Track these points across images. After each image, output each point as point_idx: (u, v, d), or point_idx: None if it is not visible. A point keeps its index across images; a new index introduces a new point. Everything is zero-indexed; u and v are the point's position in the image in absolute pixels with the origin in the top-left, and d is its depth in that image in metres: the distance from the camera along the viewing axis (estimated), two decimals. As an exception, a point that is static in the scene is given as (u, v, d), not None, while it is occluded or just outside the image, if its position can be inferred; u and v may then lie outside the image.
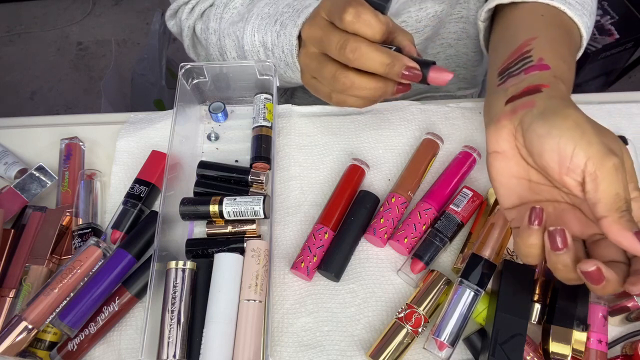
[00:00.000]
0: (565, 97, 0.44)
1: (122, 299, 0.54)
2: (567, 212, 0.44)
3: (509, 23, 0.55)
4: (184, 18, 0.66)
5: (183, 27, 0.67)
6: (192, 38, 0.68)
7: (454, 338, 0.48)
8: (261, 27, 0.57)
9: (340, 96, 0.47)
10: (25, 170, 0.63)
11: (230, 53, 0.62)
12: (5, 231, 0.58)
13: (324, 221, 0.56)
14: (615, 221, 0.37)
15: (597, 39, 1.32)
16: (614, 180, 0.38)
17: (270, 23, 0.56)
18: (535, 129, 0.41)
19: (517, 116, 0.43)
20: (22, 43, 1.93)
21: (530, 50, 0.48)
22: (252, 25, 0.58)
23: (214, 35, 0.63)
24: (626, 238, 0.37)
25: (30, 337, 0.52)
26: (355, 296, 0.55)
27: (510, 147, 0.44)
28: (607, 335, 0.49)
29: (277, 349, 0.53)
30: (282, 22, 0.55)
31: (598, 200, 0.38)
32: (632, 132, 0.62)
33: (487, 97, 0.50)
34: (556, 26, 0.51)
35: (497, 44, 0.55)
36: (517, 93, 0.45)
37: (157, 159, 0.62)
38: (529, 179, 0.45)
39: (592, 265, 0.37)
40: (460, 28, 0.72)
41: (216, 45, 0.63)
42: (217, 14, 0.63)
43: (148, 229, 0.57)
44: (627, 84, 1.60)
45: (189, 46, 0.69)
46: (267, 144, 0.61)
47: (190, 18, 0.65)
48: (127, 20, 1.95)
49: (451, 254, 0.57)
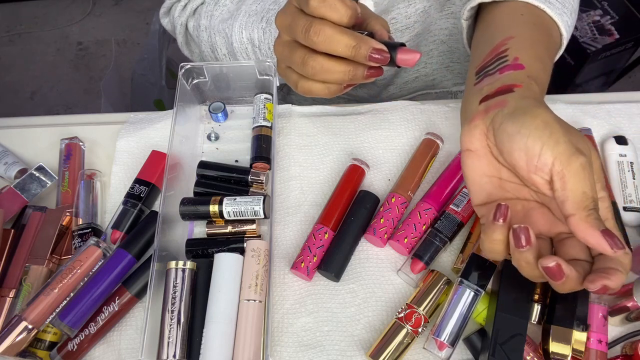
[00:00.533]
0: (537, 97, 0.45)
1: (122, 299, 0.54)
2: (535, 210, 0.45)
3: (489, 22, 0.55)
4: (176, 15, 0.67)
5: (176, 24, 0.67)
6: (185, 35, 0.69)
7: (454, 338, 0.48)
8: (248, 24, 0.58)
9: (306, 83, 0.46)
10: (25, 170, 0.63)
11: (221, 50, 0.63)
12: (5, 231, 0.58)
13: (324, 221, 0.56)
14: (583, 219, 0.38)
15: (597, 39, 1.32)
16: (581, 178, 0.38)
17: (257, 20, 0.57)
18: (505, 128, 0.42)
19: (489, 116, 0.44)
20: (22, 43, 1.93)
21: (506, 49, 0.48)
22: (240, 22, 0.59)
23: (205, 32, 0.64)
24: (593, 236, 0.38)
25: (30, 337, 0.52)
26: (355, 296, 0.55)
27: (482, 145, 0.45)
28: (607, 335, 0.49)
29: (277, 349, 0.53)
30: (268, 19, 0.56)
31: (566, 198, 0.39)
32: (632, 132, 0.62)
33: (464, 96, 0.51)
34: (535, 25, 0.51)
35: (478, 43, 0.55)
36: (490, 92, 0.46)
37: (157, 159, 0.62)
38: (499, 177, 0.46)
39: (552, 262, 0.38)
40: (452, 24, 0.72)
41: (207, 43, 0.64)
42: (208, 12, 0.63)
43: (148, 229, 0.57)
44: (627, 84, 1.60)
45: (182, 43, 0.69)
46: (267, 144, 0.61)
47: (183, 15, 0.66)
48: (127, 20, 1.95)
49: (451, 254, 0.57)
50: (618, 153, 0.59)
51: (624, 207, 0.56)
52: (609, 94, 0.67)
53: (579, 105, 0.64)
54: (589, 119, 0.63)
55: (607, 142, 0.60)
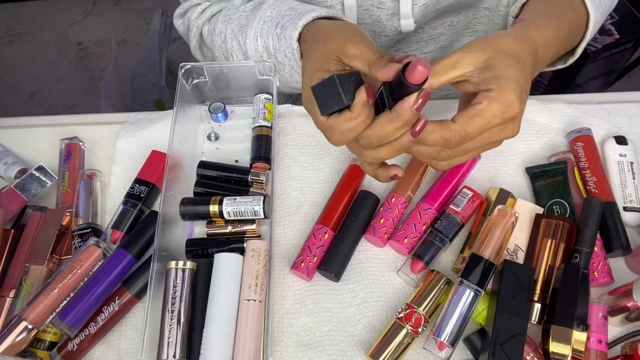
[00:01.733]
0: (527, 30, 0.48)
1: (122, 299, 0.54)
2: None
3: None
4: (193, 18, 0.66)
5: (192, 27, 0.66)
6: (199, 39, 0.68)
7: (454, 338, 0.48)
8: (263, 31, 0.57)
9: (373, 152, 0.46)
10: (25, 170, 0.63)
11: (237, 56, 0.62)
12: (5, 231, 0.58)
13: (324, 221, 0.56)
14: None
15: (597, 39, 1.31)
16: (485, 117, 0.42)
17: (272, 27, 0.56)
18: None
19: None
20: (22, 43, 1.92)
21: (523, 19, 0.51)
22: (255, 29, 0.58)
23: (219, 37, 0.63)
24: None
25: (30, 337, 0.52)
26: (355, 296, 0.55)
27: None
28: (607, 335, 0.49)
29: (277, 349, 0.53)
30: (283, 24, 0.55)
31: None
32: (632, 132, 0.62)
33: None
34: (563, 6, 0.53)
35: None
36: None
37: (157, 159, 0.62)
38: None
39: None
40: None
41: (221, 48, 0.63)
42: (227, 16, 0.62)
43: (148, 229, 0.57)
44: (627, 84, 1.60)
45: (196, 47, 0.69)
46: (267, 144, 0.61)
47: (201, 19, 0.65)
48: (127, 20, 1.94)
49: (451, 254, 0.57)
50: (618, 153, 0.59)
51: (624, 207, 0.56)
52: (609, 94, 0.67)
53: (579, 105, 0.64)
54: (589, 119, 0.63)
55: (607, 142, 0.60)
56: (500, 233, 0.51)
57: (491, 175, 0.60)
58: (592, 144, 0.59)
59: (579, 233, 0.53)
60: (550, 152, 0.61)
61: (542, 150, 0.62)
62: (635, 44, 1.37)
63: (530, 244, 0.54)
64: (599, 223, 0.53)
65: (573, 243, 0.53)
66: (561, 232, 0.52)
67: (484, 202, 0.57)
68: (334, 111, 0.42)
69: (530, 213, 0.55)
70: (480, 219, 0.56)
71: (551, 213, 0.56)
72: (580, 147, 0.59)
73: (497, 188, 0.57)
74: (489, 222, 0.53)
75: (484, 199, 0.57)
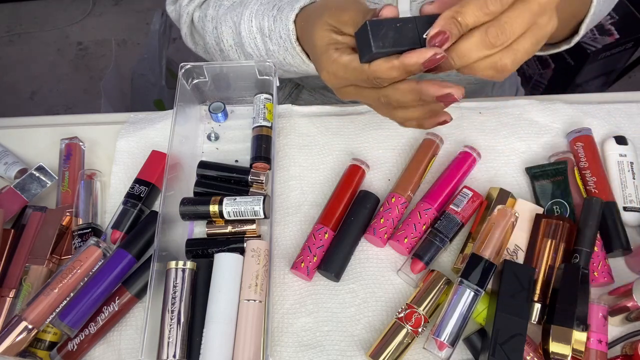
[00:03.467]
0: None
1: (122, 299, 0.54)
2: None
3: None
4: (184, 4, 0.66)
5: (182, 13, 0.66)
6: (190, 26, 0.68)
7: (454, 338, 0.48)
8: (259, 13, 0.57)
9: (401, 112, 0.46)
10: (25, 170, 0.63)
11: (227, 41, 0.61)
12: (5, 231, 0.58)
13: (324, 221, 0.56)
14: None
15: (597, 39, 1.31)
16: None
17: (269, 8, 0.56)
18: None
19: None
20: (22, 43, 1.92)
21: None
22: (251, 10, 0.58)
23: (210, 22, 0.63)
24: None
25: (30, 337, 0.52)
26: (355, 296, 0.55)
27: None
28: (607, 335, 0.49)
29: (277, 349, 0.53)
30: (280, 7, 0.55)
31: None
32: (632, 132, 0.62)
33: None
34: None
35: None
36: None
37: (157, 159, 0.62)
38: None
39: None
40: None
41: (212, 34, 0.63)
42: (218, 2, 0.62)
43: (148, 229, 0.57)
44: (627, 84, 1.60)
45: (187, 34, 0.68)
46: (267, 144, 0.61)
47: (191, 4, 0.65)
48: (127, 20, 1.94)
49: (451, 254, 0.57)
50: (618, 153, 0.59)
51: (624, 207, 0.56)
52: (609, 94, 0.67)
53: (579, 105, 0.64)
54: (589, 119, 0.63)
55: (607, 142, 0.60)
56: (500, 233, 0.51)
57: (491, 175, 0.61)
58: (592, 144, 0.59)
59: (579, 233, 0.53)
60: (550, 152, 0.61)
61: (542, 150, 0.62)
62: (635, 44, 1.37)
63: (530, 244, 0.54)
64: (599, 223, 0.53)
65: (573, 243, 0.53)
66: (561, 232, 0.52)
67: (484, 202, 0.57)
68: (371, 58, 0.41)
69: (530, 213, 0.55)
70: (480, 219, 0.56)
71: (551, 213, 0.56)
72: (580, 147, 0.59)
73: (497, 188, 0.57)
74: (489, 222, 0.53)
75: (484, 199, 0.57)
